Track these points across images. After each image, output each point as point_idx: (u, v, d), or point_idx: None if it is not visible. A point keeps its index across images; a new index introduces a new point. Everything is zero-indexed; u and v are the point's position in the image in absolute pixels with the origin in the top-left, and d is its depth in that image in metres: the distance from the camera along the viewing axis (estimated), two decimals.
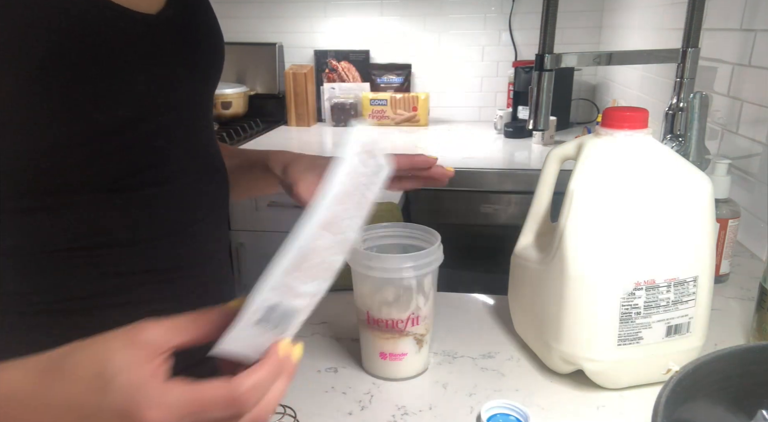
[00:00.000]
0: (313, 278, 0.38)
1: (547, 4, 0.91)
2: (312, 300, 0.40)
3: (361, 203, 0.40)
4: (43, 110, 0.46)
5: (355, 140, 0.39)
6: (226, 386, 0.36)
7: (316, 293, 0.39)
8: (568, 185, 0.62)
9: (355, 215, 0.39)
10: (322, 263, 0.38)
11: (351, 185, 0.38)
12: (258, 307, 0.36)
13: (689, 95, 0.96)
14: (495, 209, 1.54)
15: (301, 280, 0.37)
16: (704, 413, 0.46)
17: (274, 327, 0.38)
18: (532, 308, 0.70)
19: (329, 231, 0.37)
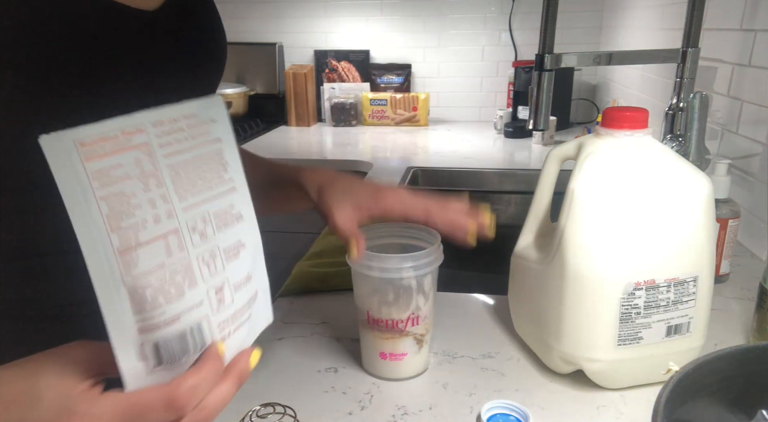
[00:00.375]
0: (168, 301, 0.33)
1: (547, 4, 0.91)
2: (211, 300, 0.36)
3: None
4: (39, 106, 0.45)
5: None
6: (164, 388, 0.34)
7: (203, 297, 0.35)
8: (568, 185, 0.62)
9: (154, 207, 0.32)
10: (163, 281, 0.33)
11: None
12: (132, 366, 0.33)
13: (689, 95, 0.96)
14: (495, 209, 1.54)
15: (155, 313, 0.33)
16: (704, 413, 0.46)
17: (183, 353, 0.35)
18: (532, 309, 0.70)
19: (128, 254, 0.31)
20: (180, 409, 0.34)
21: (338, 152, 1.93)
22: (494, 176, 1.66)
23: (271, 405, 0.63)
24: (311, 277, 0.92)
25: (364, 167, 1.75)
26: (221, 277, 0.36)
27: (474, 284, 1.31)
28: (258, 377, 0.68)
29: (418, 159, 1.78)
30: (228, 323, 0.37)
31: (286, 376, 0.69)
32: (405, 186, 1.51)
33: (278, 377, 0.68)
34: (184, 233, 0.33)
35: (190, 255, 0.34)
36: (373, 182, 0.68)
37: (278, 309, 0.85)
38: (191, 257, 0.34)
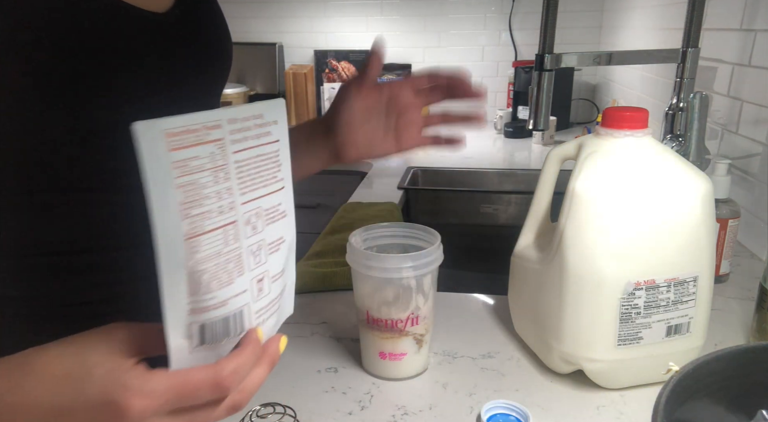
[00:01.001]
0: (219, 286, 0.36)
1: (547, 4, 0.91)
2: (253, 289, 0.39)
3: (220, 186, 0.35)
4: (50, 106, 0.46)
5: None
6: (211, 369, 0.36)
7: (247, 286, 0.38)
8: (568, 185, 0.62)
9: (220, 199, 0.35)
10: (218, 268, 0.36)
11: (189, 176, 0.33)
12: (179, 345, 0.35)
13: (689, 95, 0.96)
14: (495, 209, 1.54)
15: (206, 296, 0.36)
16: (704, 413, 0.46)
17: (224, 336, 0.38)
18: (532, 308, 0.70)
19: (193, 240, 0.34)
20: (225, 389, 0.36)
21: None
22: (494, 176, 1.66)
23: (271, 405, 0.63)
24: (311, 277, 0.92)
25: (364, 167, 1.75)
26: (263, 268, 0.39)
27: (474, 284, 1.31)
28: None
29: (418, 159, 1.78)
30: (263, 311, 0.41)
31: (286, 376, 0.69)
32: (405, 186, 1.51)
33: (278, 377, 0.68)
34: (240, 226, 0.36)
35: (242, 246, 0.37)
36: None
37: None
38: (243, 248, 0.37)
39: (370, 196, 1.42)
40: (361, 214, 1.24)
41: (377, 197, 1.40)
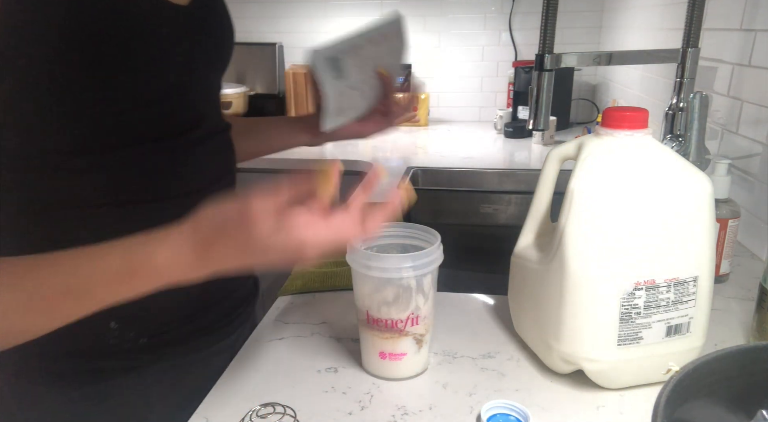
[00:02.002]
0: (356, 66, 0.73)
1: (547, 4, 0.90)
2: (352, 85, 0.74)
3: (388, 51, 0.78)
4: (94, 78, 0.53)
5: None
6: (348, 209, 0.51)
7: (355, 83, 0.74)
8: (568, 185, 0.62)
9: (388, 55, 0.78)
10: (364, 61, 0.74)
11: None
12: (328, 54, 0.70)
13: (689, 95, 0.96)
14: (495, 209, 1.54)
15: (351, 59, 0.72)
16: (704, 413, 0.46)
17: (332, 72, 0.71)
18: (532, 308, 0.70)
19: (374, 46, 0.75)
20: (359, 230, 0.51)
21: (338, 152, 1.93)
22: (494, 176, 1.66)
23: (271, 405, 0.63)
24: (311, 277, 0.92)
25: (364, 167, 1.75)
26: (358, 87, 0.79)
27: (474, 284, 1.31)
28: (258, 377, 0.69)
29: (418, 159, 1.78)
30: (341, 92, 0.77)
31: (286, 376, 0.69)
32: None
33: (278, 377, 0.68)
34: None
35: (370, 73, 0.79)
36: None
37: (278, 309, 0.85)
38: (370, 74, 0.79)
39: (370, 196, 1.42)
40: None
41: (377, 197, 1.40)
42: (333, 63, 0.72)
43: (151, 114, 0.59)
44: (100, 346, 0.64)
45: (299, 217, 0.45)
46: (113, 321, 0.64)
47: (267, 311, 0.84)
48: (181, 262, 0.46)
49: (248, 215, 0.44)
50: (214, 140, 0.70)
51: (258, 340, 0.77)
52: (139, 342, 0.66)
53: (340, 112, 0.77)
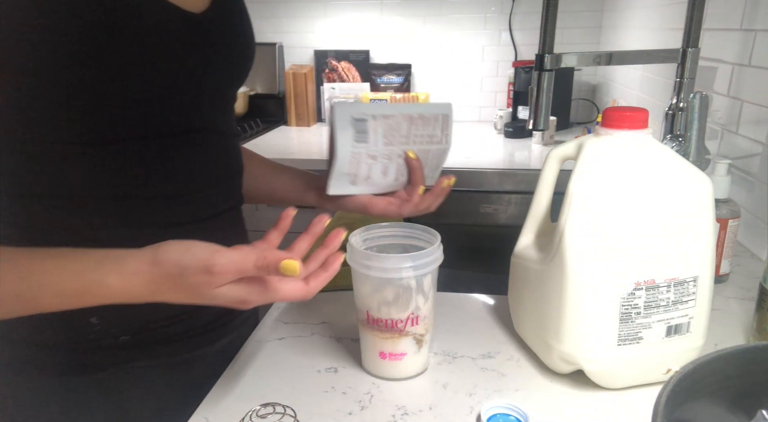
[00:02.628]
0: (384, 136, 0.67)
1: (547, 4, 0.91)
2: (375, 154, 0.67)
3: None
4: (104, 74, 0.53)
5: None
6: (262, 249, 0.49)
7: (378, 152, 0.68)
8: (568, 185, 0.62)
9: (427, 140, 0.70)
10: (394, 133, 0.68)
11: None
12: (354, 112, 0.64)
13: (689, 95, 0.96)
14: (495, 209, 1.54)
15: (380, 126, 0.66)
16: (704, 413, 0.46)
17: (356, 131, 0.64)
18: (532, 309, 0.70)
19: (413, 124, 0.69)
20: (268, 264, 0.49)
21: None
22: (494, 176, 1.66)
23: (271, 405, 0.63)
24: None
25: None
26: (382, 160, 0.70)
27: (474, 284, 1.31)
28: (258, 377, 0.69)
29: None
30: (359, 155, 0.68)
31: (286, 376, 0.69)
32: None
33: (278, 377, 0.68)
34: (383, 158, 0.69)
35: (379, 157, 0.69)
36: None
37: (278, 309, 0.85)
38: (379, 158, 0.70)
39: None
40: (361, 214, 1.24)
41: None
42: (356, 123, 0.65)
43: (150, 114, 0.59)
44: (82, 340, 0.64)
45: (252, 286, 0.50)
46: (94, 316, 0.63)
47: (267, 311, 0.84)
48: (131, 291, 0.50)
49: (209, 272, 0.48)
50: (218, 143, 0.69)
51: (258, 340, 0.77)
52: (120, 339, 0.65)
53: (352, 179, 0.69)
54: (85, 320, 0.63)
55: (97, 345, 0.64)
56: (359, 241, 0.68)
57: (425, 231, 0.68)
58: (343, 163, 0.66)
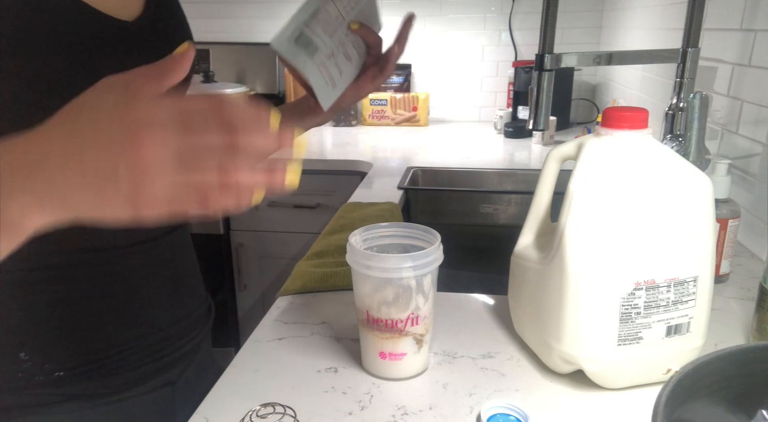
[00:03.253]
0: (324, 30, 0.67)
1: (547, 4, 0.91)
2: (331, 52, 0.69)
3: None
4: (29, 106, 0.50)
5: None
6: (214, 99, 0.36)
7: (332, 47, 0.69)
8: (568, 185, 0.62)
9: (352, 4, 0.70)
10: (330, 22, 0.67)
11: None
12: (290, 34, 0.65)
13: (689, 95, 0.96)
14: (495, 209, 1.54)
15: (316, 27, 0.66)
16: (704, 413, 0.46)
17: (304, 49, 0.65)
18: (532, 309, 0.70)
19: (333, 2, 0.67)
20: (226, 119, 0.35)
21: (338, 152, 1.93)
22: (494, 176, 1.66)
23: (271, 405, 0.63)
24: (311, 277, 0.92)
25: (364, 167, 1.75)
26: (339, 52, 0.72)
27: (474, 284, 1.31)
28: (258, 377, 0.69)
29: (418, 159, 1.78)
30: (322, 65, 0.70)
31: (286, 376, 0.69)
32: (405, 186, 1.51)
33: (278, 377, 0.68)
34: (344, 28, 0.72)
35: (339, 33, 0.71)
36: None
37: (278, 309, 0.85)
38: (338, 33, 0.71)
39: (370, 196, 1.42)
40: (361, 214, 1.24)
41: (377, 197, 1.40)
42: (298, 41, 0.66)
43: None
44: (6, 379, 0.58)
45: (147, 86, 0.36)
46: (23, 351, 0.58)
47: (267, 312, 0.84)
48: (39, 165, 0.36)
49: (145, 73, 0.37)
50: None
51: (258, 340, 0.77)
52: (53, 375, 0.60)
53: (332, 84, 0.73)
54: (13, 356, 0.58)
55: (29, 384, 0.59)
56: (359, 241, 0.68)
57: (425, 231, 0.68)
58: (318, 79, 0.69)
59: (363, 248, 0.67)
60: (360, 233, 0.68)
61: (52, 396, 0.60)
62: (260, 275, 1.93)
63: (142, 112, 0.34)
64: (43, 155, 0.35)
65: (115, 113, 0.34)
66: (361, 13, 0.73)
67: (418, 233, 0.69)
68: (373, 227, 0.69)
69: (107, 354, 0.63)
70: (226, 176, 0.35)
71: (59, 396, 0.60)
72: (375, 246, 0.70)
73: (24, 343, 0.57)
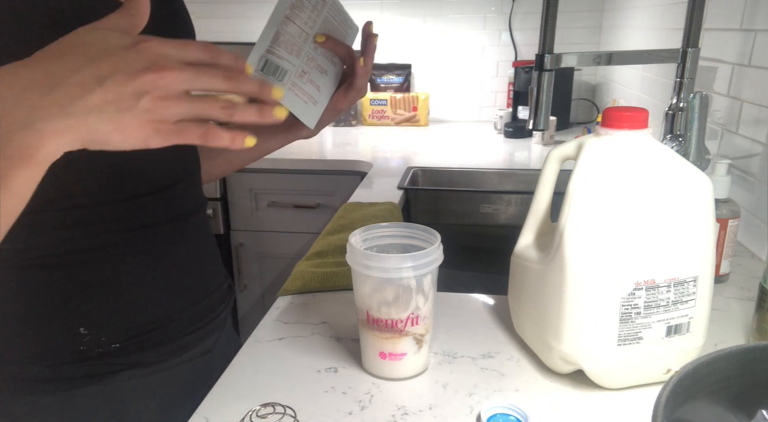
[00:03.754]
0: (290, 51, 0.64)
1: (547, 4, 0.91)
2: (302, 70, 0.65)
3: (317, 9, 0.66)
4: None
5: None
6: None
7: (301, 66, 0.65)
8: (568, 185, 0.62)
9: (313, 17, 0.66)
10: (293, 42, 0.64)
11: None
12: (255, 66, 0.61)
13: (689, 95, 0.96)
14: (495, 209, 1.54)
15: (279, 50, 0.63)
16: (704, 413, 0.46)
17: (273, 76, 0.63)
18: (532, 309, 0.70)
19: (292, 21, 0.63)
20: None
21: (338, 152, 1.93)
22: (494, 176, 1.66)
23: (271, 405, 0.63)
24: (311, 277, 0.92)
25: (364, 167, 1.75)
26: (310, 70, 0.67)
27: (474, 284, 1.31)
28: (258, 377, 0.69)
29: (418, 159, 1.78)
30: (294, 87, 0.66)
31: (286, 376, 0.69)
32: (405, 186, 1.51)
33: (278, 377, 0.69)
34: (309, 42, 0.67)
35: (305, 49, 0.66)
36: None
37: (278, 309, 0.85)
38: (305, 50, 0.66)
39: (370, 196, 1.42)
40: (361, 214, 1.24)
41: (377, 197, 1.40)
42: (266, 70, 0.63)
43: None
44: (70, 352, 0.63)
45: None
46: (82, 326, 0.63)
47: (267, 312, 0.84)
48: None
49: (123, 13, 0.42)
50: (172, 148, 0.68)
51: (258, 340, 0.77)
52: (111, 347, 0.65)
53: (312, 102, 0.70)
54: (74, 331, 0.63)
55: (90, 355, 0.64)
56: (359, 241, 0.68)
57: (425, 231, 0.68)
58: (294, 101, 0.66)
59: (363, 248, 0.67)
60: (360, 233, 0.68)
61: (110, 366, 0.65)
62: (260, 275, 1.93)
63: (155, 47, 0.40)
64: (54, 78, 0.38)
65: (126, 45, 0.39)
66: (327, 23, 0.68)
67: (418, 233, 0.69)
68: (373, 227, 0.69)
69: (155, 325, 0.68)
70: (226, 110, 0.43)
71: (117, 366, 0.66)
72: (375, 246, 0.70)
73: (82, 319, 0.61)
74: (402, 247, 0.69)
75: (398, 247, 0.70)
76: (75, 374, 0.64)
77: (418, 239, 0.69)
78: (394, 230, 0.70)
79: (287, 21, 0.64)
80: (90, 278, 0.63)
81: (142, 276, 0.67)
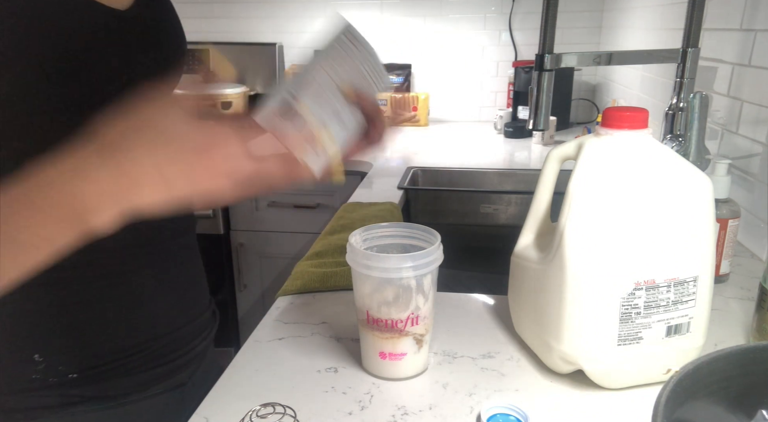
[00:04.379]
0: (315, 102, 0.57)
1: (547, 4, 0.91)
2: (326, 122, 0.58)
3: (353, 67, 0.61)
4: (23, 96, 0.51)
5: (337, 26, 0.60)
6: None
7: (325, 118, 0.58)
8: (568, 185, 0.62)
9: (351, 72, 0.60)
10: (321, 93, 0.58)
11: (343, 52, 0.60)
12: (276, 107, 0.55)
13: (689, 95, 0.96)
14: (495, 209, 1.54)
15: (305, 98, 0.56)
16: (704, 413, 0.46)
17: (291, 122, 0.56)
18: (532, 309, 0.70)
19: (326, 72, 0.58)
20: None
21: None
22: (494, 176, 1.66)
23: (271, 405, 0.63)
24: (311, 277, 0.92)
25: (364, 167, 1.75)
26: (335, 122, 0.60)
27: (474, 284, 1.31)
28: (258, 377, 0.69)
29: (418, 159, 1.78)
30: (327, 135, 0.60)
31: (286, 376, 0.69)
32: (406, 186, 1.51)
33: (278, 377, 0.68)
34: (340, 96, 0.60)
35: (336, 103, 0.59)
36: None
37: (278, 309, 0.85)
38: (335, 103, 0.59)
39: (370, 196, 1.42)
40: (361, 214, 1.24)
41: (377, 197, 1.40)
42: (284, 115, 0.58)
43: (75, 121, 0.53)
44: (23, 381, 0.59)
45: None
46: (37, 353, 0.59)
47: (267, 312, 0.84)
48: (85, 169, 0.39)
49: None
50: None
51: (258, 340, 0.77)
52: (67, 376, 0.60)
53: (324, 155, 0.64)
54: (28, 357, 0.59)
55: (43, 385, 0.60)
56: (359, 241, 0.68)
57: (425, 231, 0.68)
58: (306, 153, 0.61)
59: (363, 248, 0.67)
60: (360, 233, 0.68)
61: (64, 398, 0.61)
62: (260, 275, 1.93)
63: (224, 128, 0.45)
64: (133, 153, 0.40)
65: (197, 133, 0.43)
66: (360, 77, 0.63)
67: (418, 233, 0.69)
68: (373, 227, 0.69)
69: (117, 356, 0.64)
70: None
71: (72, 398, 0.61)
72: (375, 246, 0.70)
73: (38, 344, 0.57)
74: (402, 247, 0.69)
75: (398, 247, 0.70)
76: (29, 404, 0.60)
77: (418, 239, 0.69)
78: (394, 230, 0.70)
79: (320, 70, 0.59)
80: (47, 301, 0.59)
81: (104, 303, 0.62)
